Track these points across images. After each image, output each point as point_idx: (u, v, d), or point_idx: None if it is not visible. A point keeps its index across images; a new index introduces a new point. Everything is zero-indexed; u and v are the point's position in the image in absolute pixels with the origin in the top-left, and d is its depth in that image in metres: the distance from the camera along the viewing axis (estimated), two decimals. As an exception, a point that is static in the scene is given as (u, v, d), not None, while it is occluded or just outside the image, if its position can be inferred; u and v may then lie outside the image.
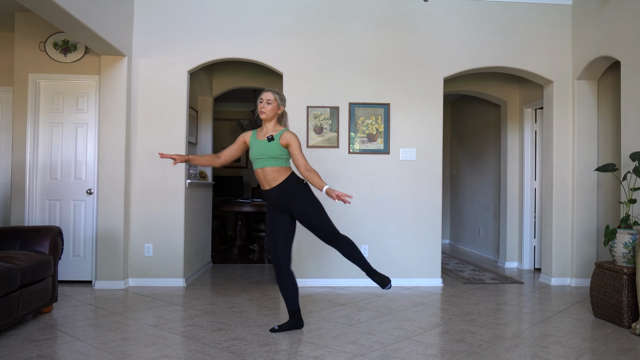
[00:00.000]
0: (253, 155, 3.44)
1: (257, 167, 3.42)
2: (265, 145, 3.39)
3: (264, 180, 3.43)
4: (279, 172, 3.40)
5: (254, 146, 3.46)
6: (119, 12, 4.62)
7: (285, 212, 3.48)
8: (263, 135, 3.46)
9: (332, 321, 3.76)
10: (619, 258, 3.81)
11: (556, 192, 5.27)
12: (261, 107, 3.46)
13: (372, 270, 3.54)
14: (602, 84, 5.21)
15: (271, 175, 3.39)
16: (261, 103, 3.48)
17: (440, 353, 3.06)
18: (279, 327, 3.47)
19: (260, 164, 3.40)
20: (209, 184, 6.39)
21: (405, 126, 5.14)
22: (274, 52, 5.07)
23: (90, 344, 3.16)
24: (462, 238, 8.45)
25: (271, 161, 3.38)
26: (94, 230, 4.89)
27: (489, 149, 7.39)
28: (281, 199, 3.43)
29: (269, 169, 3.39)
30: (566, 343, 3.28)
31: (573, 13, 5.27)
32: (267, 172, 3.40)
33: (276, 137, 3.41)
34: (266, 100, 3.47)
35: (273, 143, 3.39)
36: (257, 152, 3.42)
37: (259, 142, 3.44)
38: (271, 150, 3.38)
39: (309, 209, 3.42)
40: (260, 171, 3.42)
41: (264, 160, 3.39)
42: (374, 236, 5.08)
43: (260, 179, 3.45)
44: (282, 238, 3.48)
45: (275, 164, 3.39)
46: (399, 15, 5.16)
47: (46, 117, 4.93)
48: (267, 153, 3.38)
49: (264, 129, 3.50)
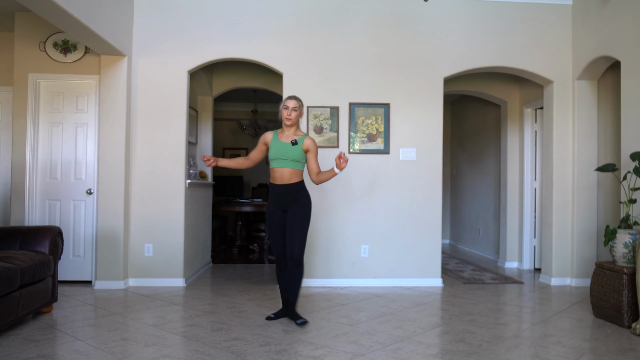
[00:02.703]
0: (273, 155, 3.68)
1: (277, 167, 3.67)
2: (289, 148, 3.65)
3: (280, 178, 3.67)
4: (296, 175, 3.68)
5: (275, 147, 3.69)
6: (119, 12, 4.62)
7: (283, 210, 3.70)
8: (286, 138, 3.70)
9: (332, 321, 3.76)
10: (619, 258, 3.81)
11: (556, 192, 5.27)
12: (287, 114, 3.69)
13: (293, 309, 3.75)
14: (602, 84, 5.21)
15: (288, 176, 3.66)
16: (287, 110, 3.69)
17: (440, 353, 3.06)
18: (274, 315, 3.77)
19: (281, 164, 3.65)
20: (209, 184, 6.39)
21: (405, 126, 5.14)
22: (274, 52, 5.07)
23: (90, 344, 3.16)
24: (462, 238, 8.44)
25: (292, 163, 3.66)
26: (94, 230, 4.89)
27: (489, 149, 7.39)
28: (285, 196, 3.66)
29: (288, 170, 3.65)
30: (566, 343, 3.28)
31: (573, 13, 5.27)
32: (285, 173, 3.66)
33: (299, 141, 3.66)
34: (292, 108, 3.69)
35: (297, 147, 3.65)
36: (278, 152, 3.66)
37: (282, 143, 3.68)
38: (294, 153, 3.64)
39: (301, 217, 3.66)
40: (279, 170, 3.66)
41: (285, 161, 3.65)
42: (374, 236, 5.08)
43: (275, 176, 3.69)
44: (282, 237, 3.72)
45: (296, 166, 3.67)
46: (399, 15, 5.16)
47: (46, 117, 4.93)
48: (289, 155, 3.64)
49: (285, 132, 3.74)
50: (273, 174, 3.70)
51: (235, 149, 10.08)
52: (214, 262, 6.51)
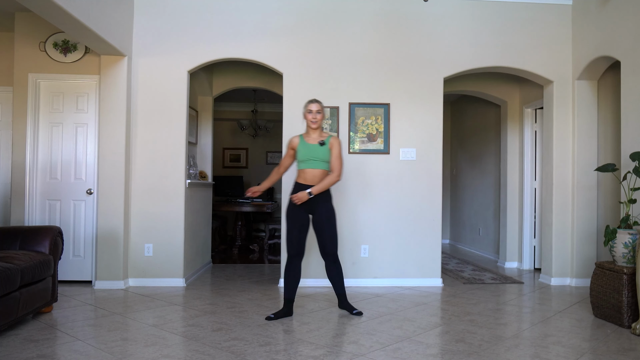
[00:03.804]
0: (303, 157, 3.87)
1: (308, 168, 3.84)
2: (317, 149, 3.84)
3: (310, 180, 3.84)
4: (325, 175, 3.85)
5: (303, 149, 3.87)
6: (119, 12, 4.62)
7: (306, 210, 3.87)
8: (313, 140, 3.89)
9: (332, 321, 3.76)
10: (619, 258, 3.81)
11: (556, 192, 5.27)
12: (312, 117, 3.87)
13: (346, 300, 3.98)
14: (602, 84, 5.21)
15: (320, 177, 3.84)
16: (311, 113, 3.88)
17: (440, 353, 3.06)
18: (274, 315, 3.80)
19: (310, 165, 3.84)
20: (209, 184, 6.39)
21: (405, 126, 5.14)
22: (274, 52, 5.07)
23: (90, 344, 3.16)
24: (462, 238, 8.45)
25: (321, 164, 3.84)
26: (94, 230, 4.89)
27: (489, 149, 7.39)
28: (314, 198, 3.81)
29: (318, 171, 3.84)
30: (566, 343, 3.29)
31: (573, 13, 5.27)
32: (317, 174, 3.83)
33: (326, 142, 3.85)
34: (316, 111, 3.88)
35: (325, 147, 3.84)
36: (307, 154, 3.85)
37: (310, 145, 3.87)
38: (322, 153, 3.83)
39: (329, 217, 3.86)
40: (310, 171, 3.84)
41: (315, 162, 3.83)
42: (374, 236, 5.08)
43: (306, 177, 3.85)
44: (301, 234, 3.88)
45: (324, 167, 3.85)
46: (399, 15, 5.16)
47: (46, 117, 4.93)
48: (318, 156, 3.83)
49: (311, 134, 3.92)
50: (303, 175, 3.86)
51: (235, 149, 10.08)
52: (214, 262, 6.51)
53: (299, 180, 3.89)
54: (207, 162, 6.52)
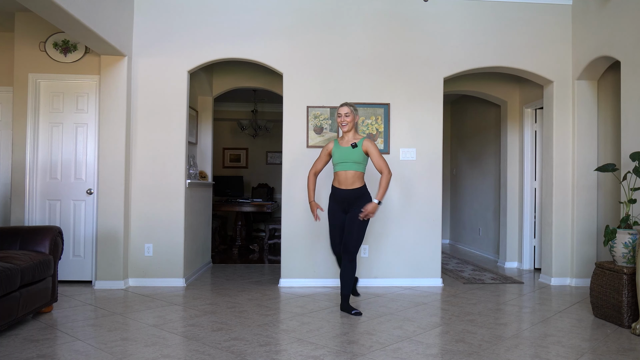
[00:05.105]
0: (337, 160, 3.99)
1: (340, 170, 3.96)
2: (350, 151, 3.92)
3: (343, 182, 3.95)
4: (359, 177, 3.96)
5: (338, 152, 3.99)
6: (119, 12, 4.62)
7: (344, 211, 4.00)
8: (346, 143, 3.99)
9: (332, 321, 3.76)
10: (619, 258, 3.81)
11: (556, 192, 5.27)
12: (341, 121, 3.97)
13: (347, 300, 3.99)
14: (602, 84, 5.21)
15: (352, 179, 3.94)
16: (340, 117, 3.98)
17: (440, 353, 3.06)
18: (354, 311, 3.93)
19: (344, 167, 3.94)
20: (209, 184, 6.39)
21: (405, 126, 5.14)
22: (274, 52, 5.07)
23: (90, 344, 3.16)
24: (462, 238, 8.45)
25: (355, 165, 3.92)
26: (94, 230, 4.89)
27: (489, 149, 7.39)
28: (348, 200, 3.95)
29: (352, 172, 3.93)
30: (566, 343, 3.29)
31: (573, 13, 5.27)
32: (349, 175, 3.93)
33: (359, 144, 3.93)
34: (344, 114, 3.97)
35: (357, 150, 3.92)
36: (341, 157, 3.95)
37: (343, 148, 3.97)
38: (355, 155, 3.91)
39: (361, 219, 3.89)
40: (343, 173, 3.95)
41: (348, 164, 3.93)
42: (373, 236, 5.08)
43: (339, 179, 3.98)
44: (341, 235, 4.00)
45: (358, 168, 3.94)
46: (399, 15, 5.16)
47: (46, 117, 4.93)
48: (351, 158, 3.91)
49: (344, 137, 4.02)
50: (337, 177, 3.98)
51: (236, 149, 10.08)
52: (214, 262, 6.51)
53: (334, 183, 4.04)
54: (207, 162, 6.52)
